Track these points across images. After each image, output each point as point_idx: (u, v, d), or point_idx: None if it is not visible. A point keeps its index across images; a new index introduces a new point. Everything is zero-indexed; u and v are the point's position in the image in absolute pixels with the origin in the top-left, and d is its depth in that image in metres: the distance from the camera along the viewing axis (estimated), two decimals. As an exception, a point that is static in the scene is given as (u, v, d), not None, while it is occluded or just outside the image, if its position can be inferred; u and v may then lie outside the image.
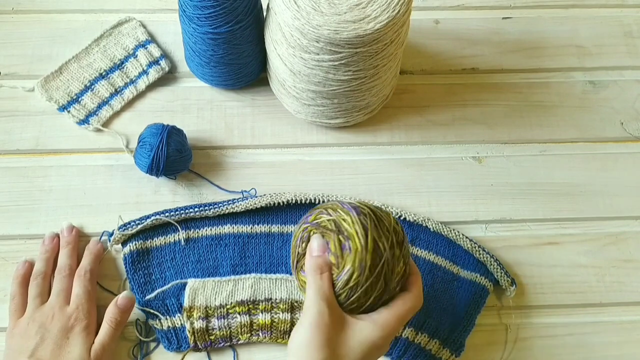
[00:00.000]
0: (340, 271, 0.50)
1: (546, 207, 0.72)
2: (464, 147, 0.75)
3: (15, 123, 0.73)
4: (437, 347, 0.64)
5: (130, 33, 0.78)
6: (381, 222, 0.51)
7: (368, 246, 0.49)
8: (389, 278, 0.50)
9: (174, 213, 0.67)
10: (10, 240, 0.68)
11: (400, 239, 0.52)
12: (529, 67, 0.80)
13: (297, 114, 0.73)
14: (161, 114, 0.75)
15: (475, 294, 0.65)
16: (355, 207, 0.52)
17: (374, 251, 0.50)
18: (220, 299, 0.65)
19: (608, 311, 0.67)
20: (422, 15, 0.82)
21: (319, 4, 0.60)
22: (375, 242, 0.50)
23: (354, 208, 0.52)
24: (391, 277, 0.51)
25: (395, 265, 0.51)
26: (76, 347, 0.59)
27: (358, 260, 0.49)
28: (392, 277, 0.51)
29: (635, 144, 0.76)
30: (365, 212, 0.51)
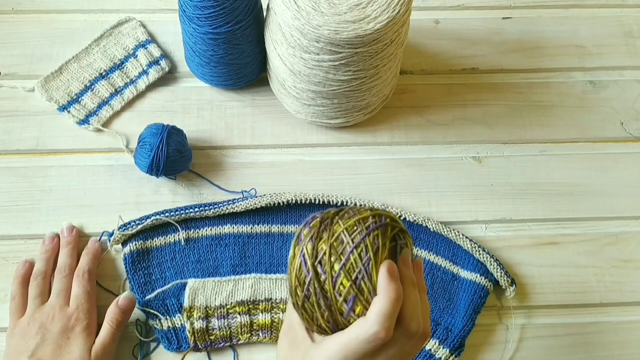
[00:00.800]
0: None
1: (546, 207, 0.72)
2: (464, 147, 0.75)
3: (15, 123, 0.73)
4: (436, 347, 0.64)
5: (130, 33, 0.78)
6: (332, 235, 0.44)
7: (292, 263, 0.45)
8: (329, 300, 0.43)
9: (174, 213, 0.67)
10: (10, 240, 0.68)
11: (360, 256, 0.43)
12: (529, 67, 0.80)
13: (297, 114, 0.73)
14: (161, 114, 0.75)
15: (475, 294, 0.65)
16: (312, 218, 0.46)
17: (299, 269, 0.44)
18: (220, 299, 0.65)
19: (608, 311, 0.67)
20: (422, 15, 0.82)
21: (319, 4, 0.60)
22: (298, 258, 0.44)
23: (311, 219, 0.46)
24: (333, 298, 0.43)
25: (335, 285, 0.43)
26: (77, 347, 0.59)
27: (289, 279, 0.45)
28: (335, 298, 0.43)
29: (635, 144, 0.76)
30: (316, 224, 0.45)
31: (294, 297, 0.45)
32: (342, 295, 0.43)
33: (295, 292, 0.45)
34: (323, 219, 0.45)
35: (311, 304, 0.44)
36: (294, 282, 0.44)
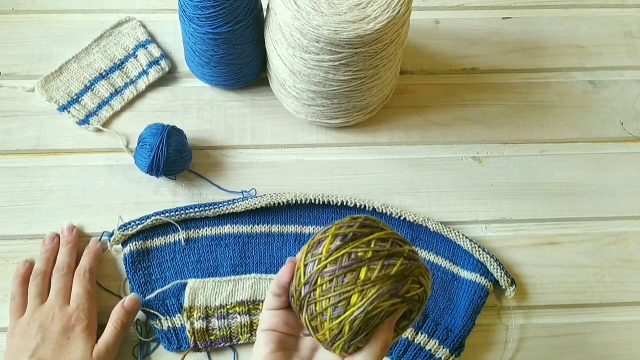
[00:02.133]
0: None
1: (546, 207, 0.72)
2: (464, 147, 0.75)
3: (15, 123, 0.73)
4: (436, 347, 0.64)
5: (130, 33, 0.78)
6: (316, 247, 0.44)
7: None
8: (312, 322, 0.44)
9: (174, 213, 0.67)
10: (10, 240, 0.68)
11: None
12: (529, 67, 0.80)
13: (297, 114, 0.73)
14: (161, 114, 0.75)
15: (475, 294, 0.65)
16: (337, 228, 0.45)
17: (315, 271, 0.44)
18: (220, 299, 0.65)
19: (608, 311, 0.67)
20: (422, 15, 0.82)
21: (319, 4, 0.60)
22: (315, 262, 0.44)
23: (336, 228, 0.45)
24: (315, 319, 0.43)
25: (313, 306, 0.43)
26: (77, 347, 0.59)
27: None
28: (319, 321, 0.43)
29: (635, 144, 0.76)
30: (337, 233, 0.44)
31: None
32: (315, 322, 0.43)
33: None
34: (346, 235, 0.43)
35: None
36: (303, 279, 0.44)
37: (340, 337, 0.42)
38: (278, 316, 0.47)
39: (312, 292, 0.43)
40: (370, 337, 0.43)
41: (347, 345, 0.42)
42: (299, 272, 0.44)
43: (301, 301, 0.43)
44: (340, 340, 0.42)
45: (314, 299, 0.42)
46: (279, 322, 0.47)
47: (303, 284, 0.43)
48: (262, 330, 0.47)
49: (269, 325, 0.47)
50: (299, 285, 0.44)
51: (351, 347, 0.43)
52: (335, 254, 0.42)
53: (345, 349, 0.43)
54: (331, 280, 0.42)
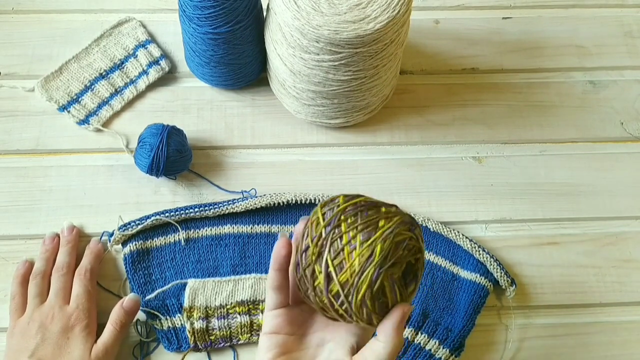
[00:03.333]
0: None
1: (546, 207, 0.72)
2: (464, 147, 0.75)
3: (15, 123, 0.73)
4: (436, 347, 0.64)
5: (130, 33, 0.78)
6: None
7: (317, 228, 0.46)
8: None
9: (174, 213, 0.67)
10: (10, 240, 0.68)
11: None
12: (529, 67, 0.80)
13: (297, 114, 0.73)
14: (161, 114, 0.75)
15: (475, 294, 0.65)
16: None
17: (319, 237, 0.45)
18: (221, 299, 0.65)
19: (608, 311, 0.67)
20: (422, 15, 0.82)
21: (319, 4, 0.60)
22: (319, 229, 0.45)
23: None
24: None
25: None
26: (76, 347, 0.59)
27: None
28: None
29: (635, 144, 0.76)
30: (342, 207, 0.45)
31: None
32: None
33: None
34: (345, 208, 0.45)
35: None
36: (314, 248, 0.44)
37: (371, 261, 0.42)
38: (280, 316, 0.47)
39: (337, 227, 0.43)
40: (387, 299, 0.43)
41: (376, 273, 0.42)
42: (312, 225, 0.45)
43: (322, 242, 0.43)
44: (371, 265, 0.42)
45: (339, 234, 0.43)
46: (281, 322, 0.47)
47: (323, 227, 0.44)
48: (265, 334, 0.47)
49: (271, 327, 0.47)
50: (316, 232, 0.44)
51: (375, 295, 0.42)
52: (351, 200, 0.45)
53: (372, 286, 0.42)
54: (355, 215, 0.44)
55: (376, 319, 0.43)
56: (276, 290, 0.47)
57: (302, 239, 0.45)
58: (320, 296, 0.44)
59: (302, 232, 0.45)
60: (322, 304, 0.44)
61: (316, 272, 0.43)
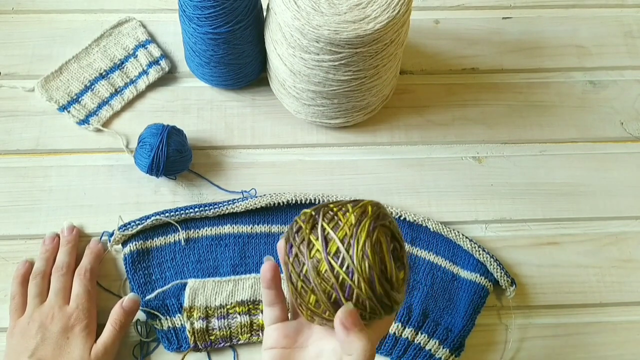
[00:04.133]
0: None
1: (546, 207, 0.72)
2: (464, 147, 0.75)
3: (15, 123, 0.73)
4: (436, 347, 0.64)
5: (130, 33, 0.78)
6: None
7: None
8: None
9: (174, 213, 0.67)
10: (10, 240, 0.68)
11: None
12: (529, 67, 0.80)
13: (297, 114, 0.73)
14: (161, 114, 0.75)
15: (475, 294, 0.65)
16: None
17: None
18: (221, 299, 0.65)
19: (608, 311, 0.67)
20: (422, 15, 0.82)
21: (319, 4, 0.60)
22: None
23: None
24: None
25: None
26: (76, 347, 0.59)
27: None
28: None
29: (635, 144, 0.76)
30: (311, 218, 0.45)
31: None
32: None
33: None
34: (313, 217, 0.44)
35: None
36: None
37: (365, 216, 0.43)
38: (278, 330, 0.48)
39: (325, 206, 0.44)
40: None
41: (373, 224, 0.42)
42: (293, 226, 0.45)
43: (314, 218, 0.43)
44: (366, 218, 0.42)
45: (329, 209, 0.44)
46: (279, 336, 0.47)
47: (310, 212, 0.44)
48: (265, 349, 0.48)
49: (271, 343, 0.47)
50: (303, 220, 0.44)
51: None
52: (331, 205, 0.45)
53: (370, 235, 0.42)
54: (344, 214, 0.43)
55: (378, 280, 0.41)
56: (271, 307, 0.48)
57: (288, 243, 0.44)
58: (317, 266, 0.42)
59: (283, 245, 0.45)
60: (319, 286, 0.42)
61: (312, 240, 0.43)
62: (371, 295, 0.42)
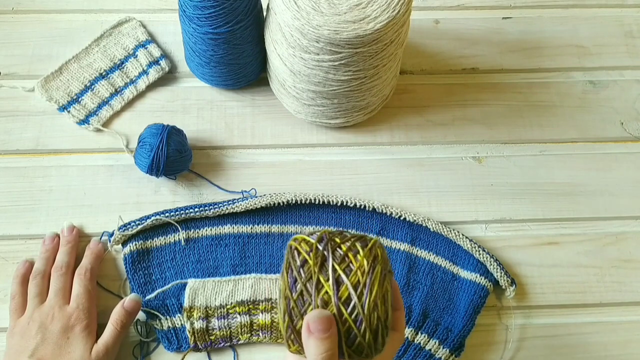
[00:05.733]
0: None
1: (546, 207, 0.72)
2: (464, 147, 0.75)
3: (15, 123, 0.73)
4: (436, 347, 0.64)
5: (130, 33, 0.78)
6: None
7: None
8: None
9: (174, 213, 0.67)
10: (10, 240, 0.68)
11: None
12: (529, 67, 0.80)
13: (297, 114, 0.73)
14: (161, 114, 0.75)
15: (475, 294, 0.65)
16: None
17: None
18: (221, 299, 0.65)
19: (608, 311, 0.67)
20: (422, 15, 0.82)
21: (319, 4, 0.60)
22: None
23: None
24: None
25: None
26: (77, 347, 0.59)
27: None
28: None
29: (635, 144, 0.76)
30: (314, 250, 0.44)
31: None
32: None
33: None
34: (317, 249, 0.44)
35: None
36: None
37: (377, 262, 0.42)
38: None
39: (331, 240, 0.43)
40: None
41: (383, 274, 0.42)
42: (293, 256, 0.43)
43: (321, 253, 0.42)
44: (378, 264, 0.42)
45: (337, 244, 0.43)
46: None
47: (315, 243, 0.43)
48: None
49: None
50: (306, 251, 0.43)
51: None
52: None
53: (381, 286, 0.42)
54: (355, 255, 0.43)
55: (381, 330, 0.42)
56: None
57: (290, 275, 0.43)
58: (324, 309, 0.42)
59: (282, 276, 0.43)
60: None
61: (322, 280, 0.41)
62: (372, 344, 0.42)
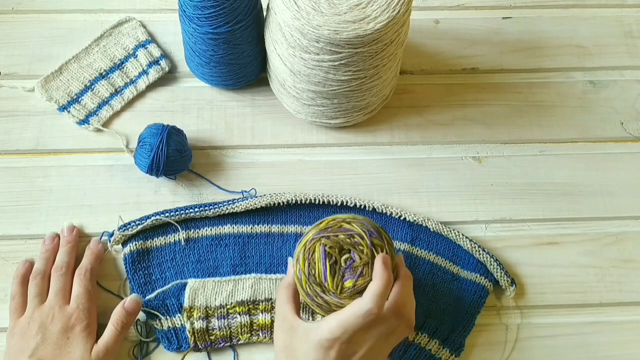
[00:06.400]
0: None
1: (546, 207, 0.72)
2: (464, 147, 0.75)
3: (15, 123, 0.73)
4: (437, 347, 0.64)
5: (130, 33, 0.78)
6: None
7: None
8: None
9: (174, 213, 0.67)
10: (10, 240, 0.68)
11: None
12: (529, 67, 0.80)
13: (297, 114, 0.73)
14: (161, 114, 0.75)
15: (475, 294, 0.65)
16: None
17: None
18: (221, 299, 0.65)
19: (608, 311, 0.67)
20: (422, 15, 0.82)
21: (319, 4, 0.60)
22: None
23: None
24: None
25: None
26: (77, 347, 0.59)
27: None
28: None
29: (635, 144, 0.76)
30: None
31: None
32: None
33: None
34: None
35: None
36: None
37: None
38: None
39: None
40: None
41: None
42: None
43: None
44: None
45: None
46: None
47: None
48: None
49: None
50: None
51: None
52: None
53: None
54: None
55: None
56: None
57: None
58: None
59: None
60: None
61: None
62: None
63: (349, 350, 0.52)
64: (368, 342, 0.52)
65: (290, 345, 0.54)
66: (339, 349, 0.51)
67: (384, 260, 0.52)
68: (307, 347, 0.52)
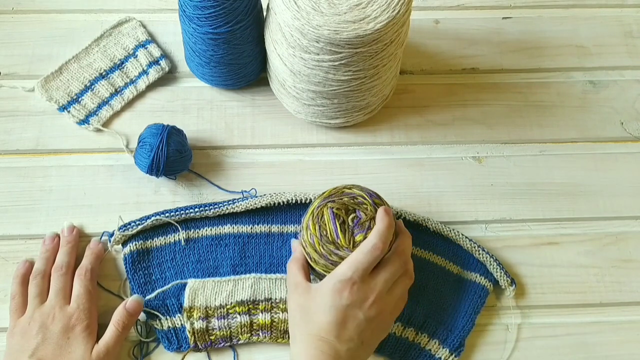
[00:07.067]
0: None
1: (546, 207, 0.72)
2: (464, 147, 0.75)
3: (15, 123, 0.73)
4: (436, 347, 0.64)
5: (130, 33, 0.78)
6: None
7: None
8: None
9: (174, 213, 0.67)
10: (10, 240, 0.68)
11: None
12: (529, 67, 0.80)
13: (297, 114, 0.73)
14: (161, 114, 0.75)
15: (475, 294, 0.65)
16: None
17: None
18: (220, 299, 0.65)
19: (608, 311, 0.67)
20: (422, 15, 0.82)
21: (319, 4, 0.60)
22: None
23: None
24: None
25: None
26: (77, 347, 0.59)
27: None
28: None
29: (635, 144, 0.76)
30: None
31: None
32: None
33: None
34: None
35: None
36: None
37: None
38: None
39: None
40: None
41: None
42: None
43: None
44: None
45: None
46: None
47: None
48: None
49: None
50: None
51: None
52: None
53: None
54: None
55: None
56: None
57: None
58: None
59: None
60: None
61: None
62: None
63: (361, 294, 0.55)
64: (377, 287, 0.56)
65: (304, 304, 0.57)
66: (351, 291, 0.55)
67: (386, 209, 0.58)
68: (321, 297, 0.56)
